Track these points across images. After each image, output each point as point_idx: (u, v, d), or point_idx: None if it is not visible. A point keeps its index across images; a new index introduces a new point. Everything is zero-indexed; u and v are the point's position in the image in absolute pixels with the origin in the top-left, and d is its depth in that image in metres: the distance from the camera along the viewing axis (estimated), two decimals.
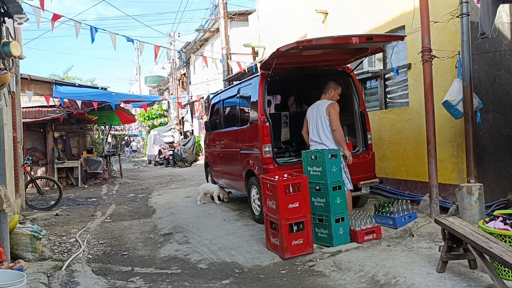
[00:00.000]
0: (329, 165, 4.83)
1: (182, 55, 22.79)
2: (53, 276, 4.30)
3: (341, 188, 4.87)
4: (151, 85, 37.37)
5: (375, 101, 7.62)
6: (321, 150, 5.04)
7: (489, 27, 4.34)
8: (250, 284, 4.01)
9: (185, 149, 19.19)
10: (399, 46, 6.88)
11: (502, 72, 5.90)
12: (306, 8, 9.49)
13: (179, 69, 26.71)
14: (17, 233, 4.74)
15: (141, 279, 4.29)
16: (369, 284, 3.78)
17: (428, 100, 5.36)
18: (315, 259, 4.52)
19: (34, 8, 5.79)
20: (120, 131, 27.40)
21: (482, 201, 5.00)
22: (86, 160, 13.39)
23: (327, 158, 4.84)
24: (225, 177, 7.68)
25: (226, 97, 7.59)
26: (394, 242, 4.81)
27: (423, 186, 6.28)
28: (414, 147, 6.57)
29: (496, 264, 3.42)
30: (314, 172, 4.98)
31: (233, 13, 16.78)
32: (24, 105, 11.43)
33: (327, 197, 4.80)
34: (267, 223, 4.95)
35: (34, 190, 9.64)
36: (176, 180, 13.66)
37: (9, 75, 4.91)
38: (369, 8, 7.45)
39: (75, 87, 11.70)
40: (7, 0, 4.52)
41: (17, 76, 8.24)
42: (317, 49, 5.61)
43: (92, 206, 9.09)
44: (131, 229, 6.70)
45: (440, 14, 5.77)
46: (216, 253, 5.01)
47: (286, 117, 7.15)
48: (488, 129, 5.81)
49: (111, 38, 7.07)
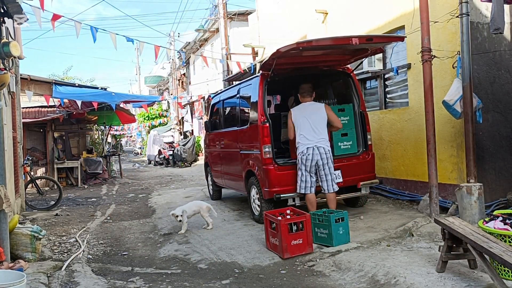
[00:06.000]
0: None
1: (182, 55, 22.77)
2: (53, 276, 4.30)
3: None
4: (151, 85, 37.35)
5: (375, 101, 7.62)
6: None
7: (503, 22, 4.37)
8: (250, 284, 4.01)
9: (185, 149, 19.19)
10: (399, 46, 6.88)
11: (501, 72, 5.91)
12: (306, 8, 9.48)
13: (179, 69, 26.70)
14: (17, 233, 4.74)
15: (141, 279, 4.29)
16: (369, 284, 3.78)
17: (427, 100, 5.37)
18: (315, 259, 4.52)
19: (34, 8, 5.80)
20: (120, 131, 27.38)
21: (482, 201, 5.00)
22: (86, 160, 13.39)
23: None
24: (225, 177, 7.68)
25: (226, 97, 7.59)
26: (394, 242, 4.82)
27: (423, 186, 6.28)
28: (414, 147, 6.57)
29: (496, 264, 3.42)
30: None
31: (233, 13, 16.78)
32: (24, 105, 11.43)
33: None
34: (266, 223, 4.96)
35: (34, 190, 9.65)
36: (176, 180, 13.65)
37: (9, 75, 4.91)
38: (369, 8, 7.45)
39: (75, 87, 11.68)
40: (7, 0, 4.52)
41: (17, 76, 8.24)
42: (317, 50, 5.60)
43: (92, 206, 9.09)
44: (131, 229, 6.70)
45: (440, 14, 5.77)
46: (216, 253, 5.01)
47: (286, 118, 7.15)
48: (488, 129, 5.81)
49: (111, 38, 7.09)
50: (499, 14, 4.40)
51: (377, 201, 6.94)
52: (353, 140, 6.24)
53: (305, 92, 5.78)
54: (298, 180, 5.61)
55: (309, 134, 5.57)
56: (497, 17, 4.40)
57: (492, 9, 4.51)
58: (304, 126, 5.61)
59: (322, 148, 5.52)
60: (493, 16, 4.47)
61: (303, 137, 5.60)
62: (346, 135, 6.18)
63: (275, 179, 5.73)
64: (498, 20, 4.40)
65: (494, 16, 4.44)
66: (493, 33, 4.56)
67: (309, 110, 5.67)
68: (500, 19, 4.41)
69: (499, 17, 4.40)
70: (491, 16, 4.54)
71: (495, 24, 4.42)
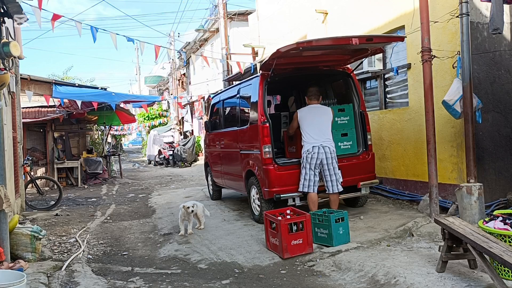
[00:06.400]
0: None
1: (182, 55, 22.75)
2: (53, 276, 4.30)
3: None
4: (151, 85, 37.32)
5: (375, 101, 7.62)
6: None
7: (502, 22, 4.38)
8: (250, 284, 4.02)
9: (185, 149, 19.19)
10: (399, 46, 6.88)
11: (501, 72, 5.91)
12: (306, 8, 9.49)
13: (179, 69, 26.68)
14: (17, 233, 4.74)
15: (141, 279, 4.30)
16: (369, 284, 3.78)
17: (428, 100, 5.37)
18: (315, 259, 4.52)
19: (34, 8, 5.79)
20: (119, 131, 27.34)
21: (482, 201, 5.00)
22: (86, 160, 13.39)
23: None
24: (225, 177, 7.68)
25: (226, 97, 7.59)
26: (394, 242, 4.82)
27: (423, 186, 6.29)
28: (414, 147, 6.57)
29: (496, 264, 3.43)
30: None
31: (233, 13, 16.77)
32: (24, 105, 11.41)
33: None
34: (266, 223, 4.95)
35: (34, 190, 9.64)
36: (176, 180, 13.65)
37: (9, 75, 4.91)
38: (369, 8, 7.45)
39: (75, 87, 11.67)
40: (7, 0, 4.52)
41: (17, 76, 8.23)
42: (317, 50, 5.60)
43: (92, 206, 9.09)
44: (131, 229, 6.70)
45: (440, 14, 5.77)
46: (216, 253, 5.01)
47: (286, 118, 7.16)
48: (488, 129, 5.81)
49: (111, 38, 7.07)
50: (498, 14, 4.40)
51: (377, 201, 6.94)
52: (353, 140, 6.24)
53: (313, 95, 5.90)
54: (302, 178, 5.64)
55: (316, 133, 5.64)
56: (496, 17, 4.40)
57: (491, 9, 4.52)
58: (311, 126, 5.69)
59: (327, 148, 5.58)
60: (492, 16, 4.47)
61: (309, 136, 5.65)
62: (346, 135, 6.19)
63: (275, 179, 5.73)
64: (497, 20, 4.41)
65: (493, 16, 4.44)
66: (492, 33, 4.56)
67: (317, 111, 5.78)
68: (499, 19, 4.41)
69: (498, 17, 4.41)
70: (490, 16, 4.55)
71: (494, 24, 4.43)
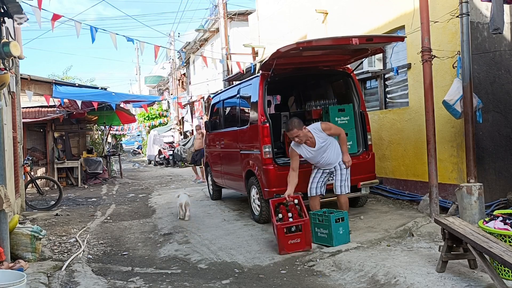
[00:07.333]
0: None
1: (182, 55, 22.75)
2: (53, 276, 4.30)
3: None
4: (151, 85, 37.33)
5: (375, 101, 7.62)
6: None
7: (502, 22, 4.37)
8: (250, 284, 4.02)
9: (185, 149, 19.16)
10: (399, 46, 6.88)
11: (502, 72, 5.91)
12: (306, 8, 9.48)
13: (179, 69, 26.67)
14: (17, 233, 4.74)
15: (141, 279, 4.29)
16: (369, 284, 3.78)
17: (428, 100, 5.37)
18: (315, 259, 4.52)
19: (34, 8, 5.79)
20: (119, 131, 27.33)
21: (482, 201, 5.00)
22: (86, 160, 13.38)
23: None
24: (225, 177, 7.68)
25: (226, 97, 7.59)
26: (394, 242, 4.82)
27: (423, 186, 6.28)
28: (414, 147, 6.57)
29: (496, 264, 3.42)
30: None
31: (233, 13, 16.76)
32: (24, 105, 11.41)
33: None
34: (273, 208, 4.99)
35: (34, 190, 9.63)
36: (176, 180, 13.65)
37: (9, 75, 4.91)
38: (369, 8, 7.45)
39: (75, 87, 11.68)
40: (7, 0, 4.52)
41: (17, 76, 8.24)
42: (317, 50, 5.60)
43: (92, 206, 9.09)
44: (131, 229, 6.70)
45: (440, 14, 5.77)
46: (216, 253, 5.01)
47: (286, 118, 7.14)
48: (488, 129, 5.81)
49: (111, 38, 7.08)
50: (498, 14, 4.40)
51: (377, 201, 6.94)
52: (353, 140, 6.24)
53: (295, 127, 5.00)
54: (310, 181, 5.37)
55: (322, 162, 5.28)
56: (497, 17, 4.40)
57: (491, 9, 4.52)
58: (316, 157, 5.24)
59: (337, 166, 5.29)
60: (492, 16, 4.47)
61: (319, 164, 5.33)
62: (346, 135, 6.17)
63: (275, 179, 5.72)
64: (498, 20, 4.41)
65: (493, 16, 4.44)
66: (492, 33, 4.56)
67: (316, 151, 5.17)
68: (499, 19, 4.41)
69: (499, 17, 4.41)
70: (490, 16, 4.55)
71: (494, 24, 4.43)
